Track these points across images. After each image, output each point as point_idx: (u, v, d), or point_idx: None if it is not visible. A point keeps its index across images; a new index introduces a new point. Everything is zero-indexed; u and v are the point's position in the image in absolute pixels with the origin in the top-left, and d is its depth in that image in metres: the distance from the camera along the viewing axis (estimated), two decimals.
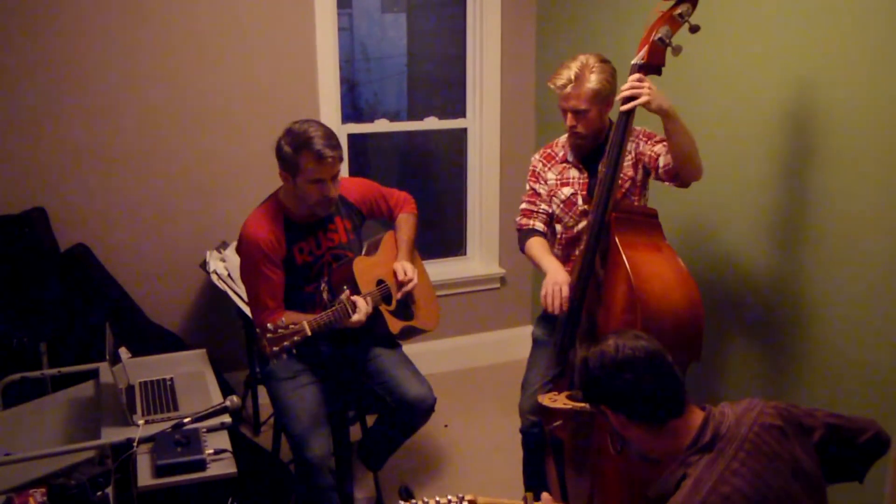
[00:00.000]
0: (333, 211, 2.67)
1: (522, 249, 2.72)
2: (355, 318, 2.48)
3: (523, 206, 2.75)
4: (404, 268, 2.76)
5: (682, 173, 2.40)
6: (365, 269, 2.70)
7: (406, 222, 2.92)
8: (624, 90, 2.25)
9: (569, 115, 2.49)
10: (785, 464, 1.57)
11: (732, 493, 1.50)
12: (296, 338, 2.32)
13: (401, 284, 2.76)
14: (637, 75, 2.25)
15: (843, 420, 1.70)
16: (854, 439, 1.70)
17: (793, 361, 2.62)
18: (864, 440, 1.70)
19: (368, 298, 2.55)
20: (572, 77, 2.44)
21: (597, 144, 2.59)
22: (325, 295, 2.64)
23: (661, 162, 2.47)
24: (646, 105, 2.22)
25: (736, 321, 2.86)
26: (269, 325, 2.32)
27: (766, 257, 2.70)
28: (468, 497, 1.80)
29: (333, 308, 2.47)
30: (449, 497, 1.80)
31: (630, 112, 2.26)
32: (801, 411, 1.69)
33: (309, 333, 2.34)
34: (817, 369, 2.53)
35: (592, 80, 2.43)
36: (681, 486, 1.56)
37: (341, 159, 2.51)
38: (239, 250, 2.63)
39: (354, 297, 2.51)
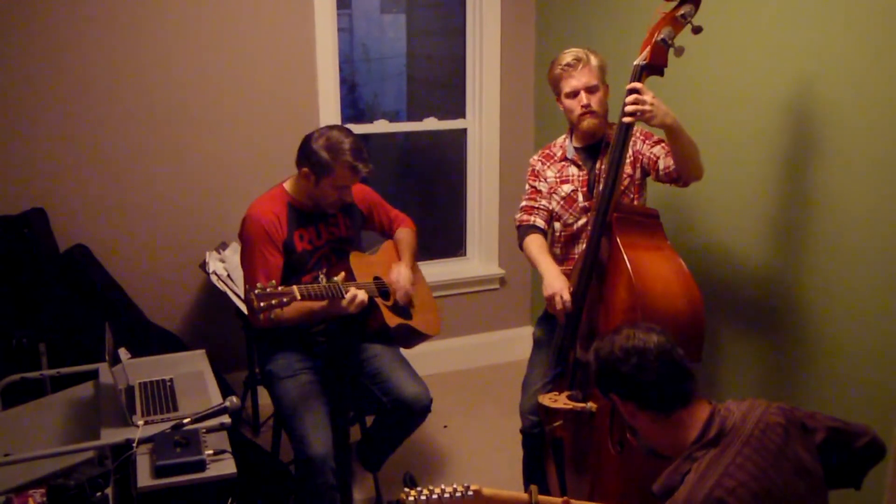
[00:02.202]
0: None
1: (521, 246, 2.72)
2: (348, 296, 2.48)
3: (523, 203, 2.75)
4: (399, 271, 2.79)
5: (685, 176, 2.42)
6: (362, 262, 2.74)
7: (407, 235, 2.97)
8: (627, 102, 2.23)
9: (582, 94, 2.52)
10: (789, 462, 1.58)
11: (737, 488, 1.51)
12: (285, 298, 2.31)
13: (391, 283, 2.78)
14: (638, 85, 2.23)
15: (842, 424, 1.72)
16: (851, 443, 1.71)
17: (793, 361, 2.62)
18: (861, 445, 1.71)
19: (364, 288, 2.57)
20: (581, 55, 2.52)
21: (596, 140, 2.60)
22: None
23: (661, 165, 2.48)
24: (648, 120, 2.22)
25: (736, 322, 2.86)
26: (258, 283, 2.31)
27: (767, 257, 2.70)
28: (473, 487, 1.80)
29: (326, 284, 2.48)
30: (455, 486, 1.79)
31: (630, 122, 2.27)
32: (803, 413, 1.70)
33: (298, 297, 2.34)
34: (817, 369, 2.53)
35: (596, 59, 2.53)
36: (685, 481, 1.57)
37: (371, 172, 2.59)
38: (241, 234, 2.65)
39: (350, 284, 2.53)
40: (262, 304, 2.27)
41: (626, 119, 2.24)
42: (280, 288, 2.32)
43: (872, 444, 1.72)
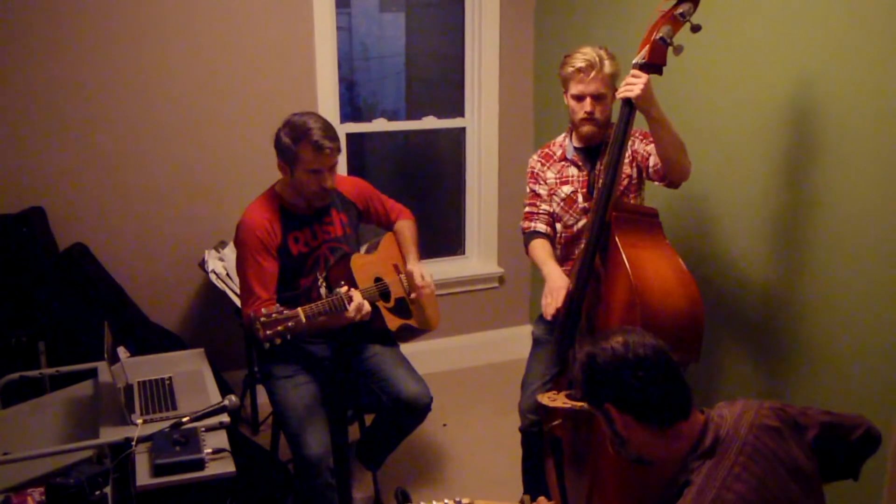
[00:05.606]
0: (329, 202, 2.69)
1: (527, 253, 2.74)
2: (352, 308, 2.46)
3: (525, 209, 2.76)
4: (422, 272, 2.78)
5: (669, 174, 2.43)
6: (363, 265, 2.71)
7: (408, 228, 2.94)
8: (626, 80, 2.25)
9: (587, 101, 2.52)
10: (783, 465, 1.57)
11: (736, 501, 1.50)
12: (290, 323, 2.27)
13: (415, 287, 2.77)
14: (637, 72, 2.25)
15: (836, 417, 1.71)
16: (847, 436, 1.71)
17: (791, 361, 2.62)
18: (857, 436, 1.71)
19: (365, 295, 2.56)
20: (595, 61, 2.49)
21: (598, 141, 2.60)
22: (322, 290, 2.64)
23: (651, 162, 2.50)
24: (634, 99, 2.22)
25: (734, 320, 2.86)
26: (263, 309, 2.29)
27: (766, 256, 2.70)
28: (465, 500, 1.79)
29: (329, 298, 2.46)
30: (445, 500, 1.79)
31: (631, 106, 2.26)
32: (796, 410, 1.69)
33: (304, 320, 2.32)
34: (815, 369, 2.53)
35: (610, 66, 2.51)
36: (684, 494, 1.55)
37: (339, 150, 2.55)
38: (235, 241, 2.64)
39: (352, 292, 2.51)
40: (268, 332, 2.24)
41: (619, 95, 2.26)
42: (285, 312, 2.29)
43: (867, 435, 1.71)
